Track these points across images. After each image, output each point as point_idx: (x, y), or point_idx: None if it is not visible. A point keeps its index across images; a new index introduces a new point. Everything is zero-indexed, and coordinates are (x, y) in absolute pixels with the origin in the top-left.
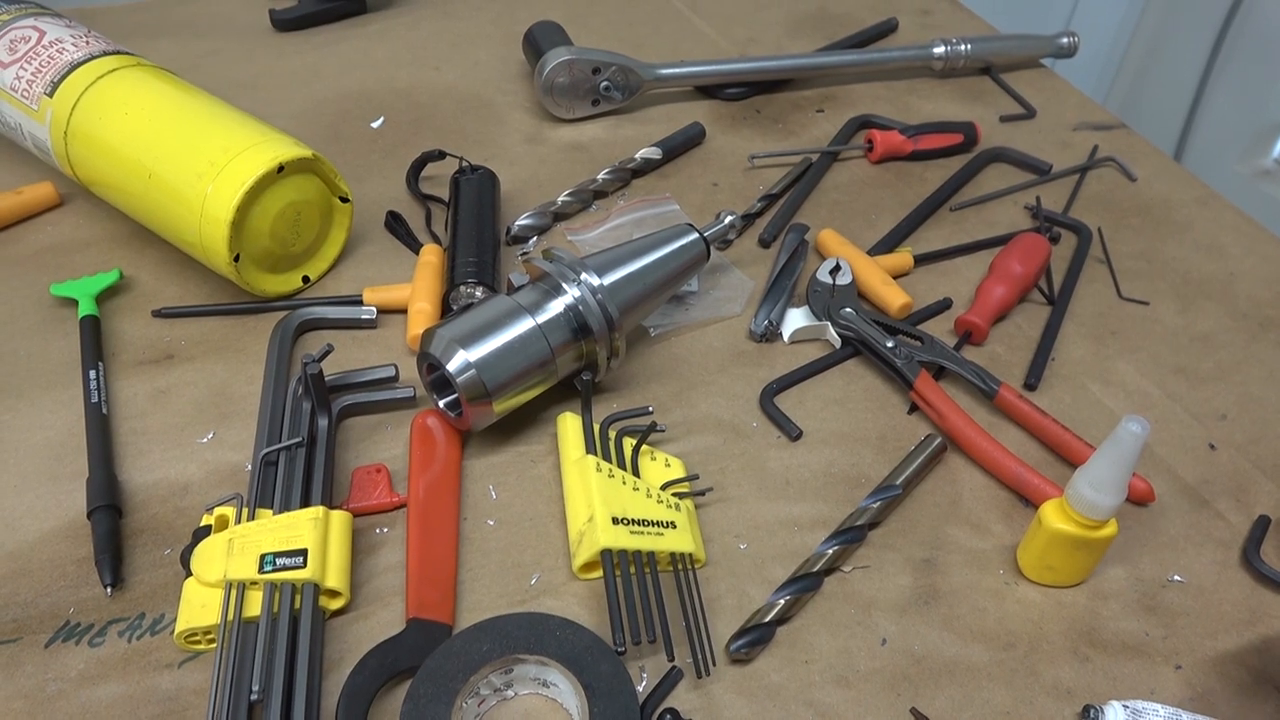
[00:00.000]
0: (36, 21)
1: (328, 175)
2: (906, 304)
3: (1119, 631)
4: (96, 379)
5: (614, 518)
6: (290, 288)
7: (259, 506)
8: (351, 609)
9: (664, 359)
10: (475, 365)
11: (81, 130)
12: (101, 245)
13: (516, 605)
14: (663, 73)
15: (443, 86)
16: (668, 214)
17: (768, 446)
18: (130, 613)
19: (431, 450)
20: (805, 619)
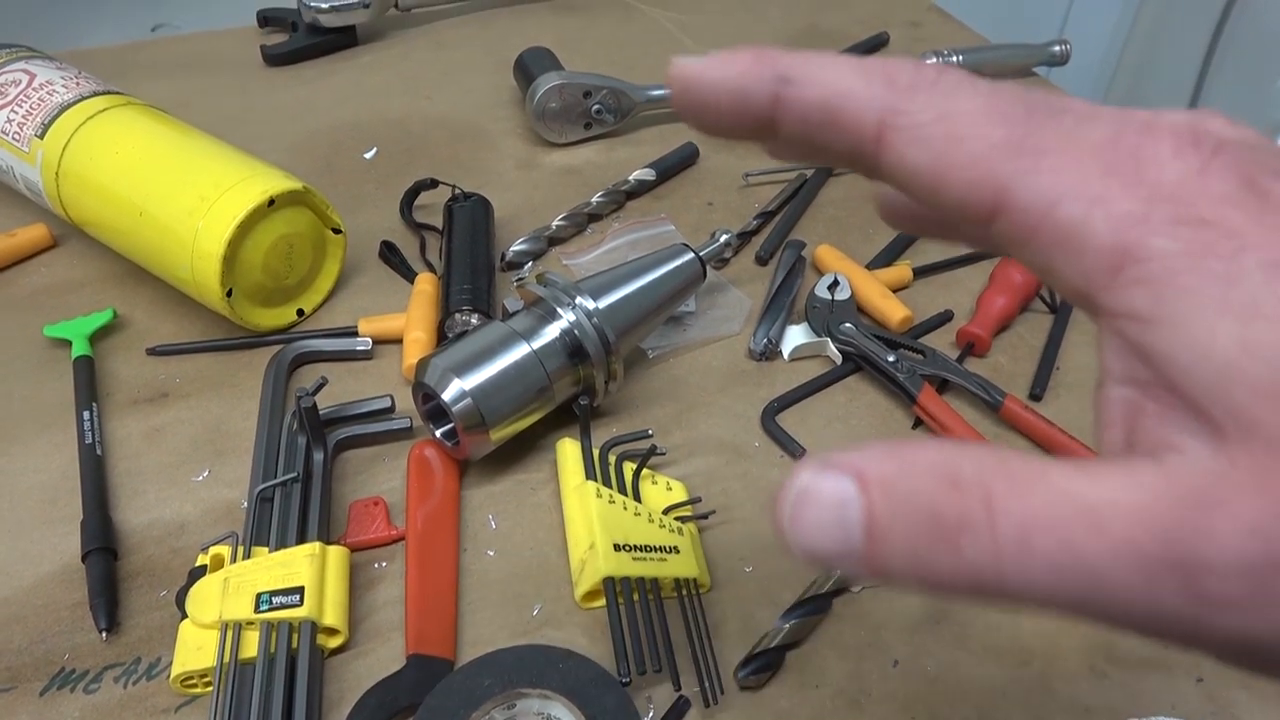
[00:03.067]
0: (27, 65)
1: (319, 207)
2: (907, 317)
3: (1136, 645)
4: (91, 420)
5: (616, 544)
6: (284, 321)
7: (255, 544)
8: (350, 646)
9: (663, 381)
10: (471, 394)
11: (73, 171)
12: (95, 285)
13: (519, 637)
14: (654, 94)
15: (435, 115)
16: (663, 235)
17: (771, 466)
18: (126, 657)
19: (429, 481)
20: (814, 643)
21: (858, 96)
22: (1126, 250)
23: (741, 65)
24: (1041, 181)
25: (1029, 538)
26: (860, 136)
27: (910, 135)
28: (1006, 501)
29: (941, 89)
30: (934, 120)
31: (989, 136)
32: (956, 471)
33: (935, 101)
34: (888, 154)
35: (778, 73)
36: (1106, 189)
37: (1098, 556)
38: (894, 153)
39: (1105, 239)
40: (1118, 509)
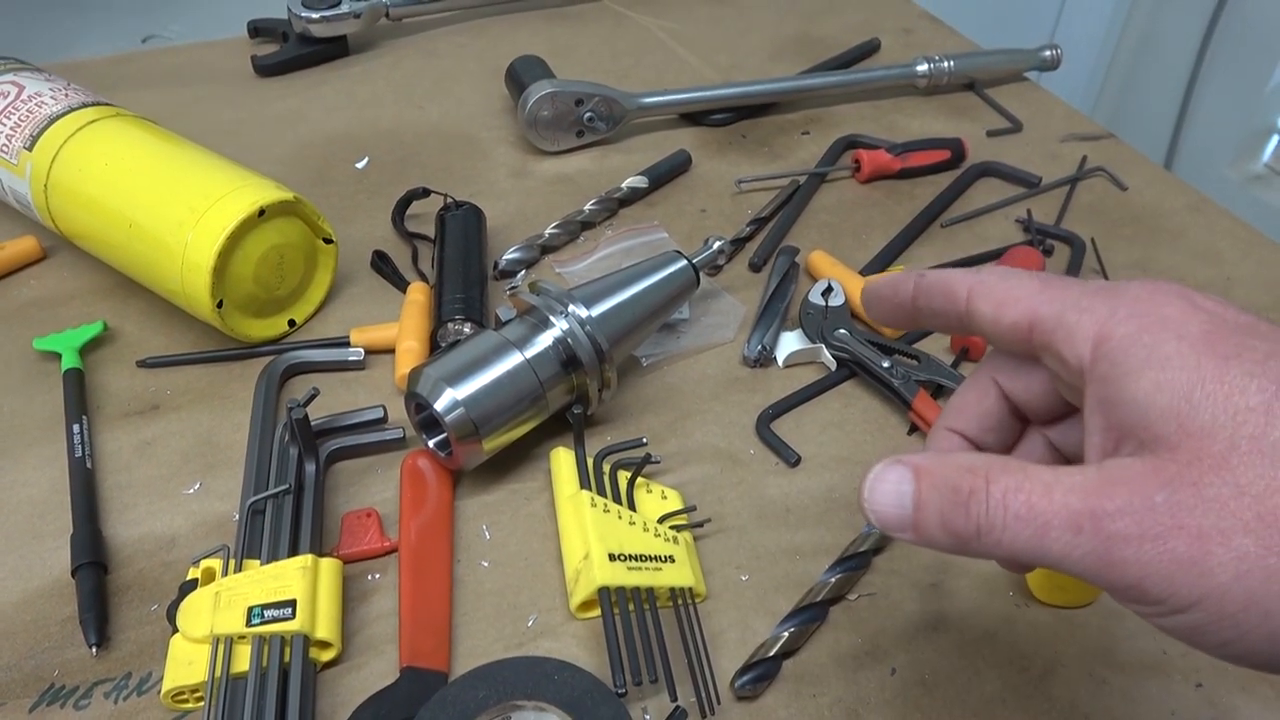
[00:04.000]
0: (15, 77)
1: (310, 217)
2: None
3: (1135, 651)
4: (81, 433)
5: (611, 554)
6: (276, 332)
7: (246, 557)
8: (343, 660)
9: (657, 389)
10: (463, 403)
11: (62, 183)
12: (85, 297)
13: (513, 649)
14: (646, 102)
15: (426, 125)
16: (656, 242)
17: (766, 474)
18: (116, 673)
19: (422, 492)
20: (812, 651)
21: (959, 277)
22: (1103, 334)
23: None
24: (1055, 304)
25: (1007, 499)
26: (958, 299)
27: (984, 293)
28: (999, 478)
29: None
30: (999, 280)
31: (1029, 288)
32: (972, 463)
33: (1004, 276)
34: (972, 304)
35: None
36: (1092, 304)
37: (1045, 510)
38: (975, 304)
39: (1092, 329)
40: (1061, 485)
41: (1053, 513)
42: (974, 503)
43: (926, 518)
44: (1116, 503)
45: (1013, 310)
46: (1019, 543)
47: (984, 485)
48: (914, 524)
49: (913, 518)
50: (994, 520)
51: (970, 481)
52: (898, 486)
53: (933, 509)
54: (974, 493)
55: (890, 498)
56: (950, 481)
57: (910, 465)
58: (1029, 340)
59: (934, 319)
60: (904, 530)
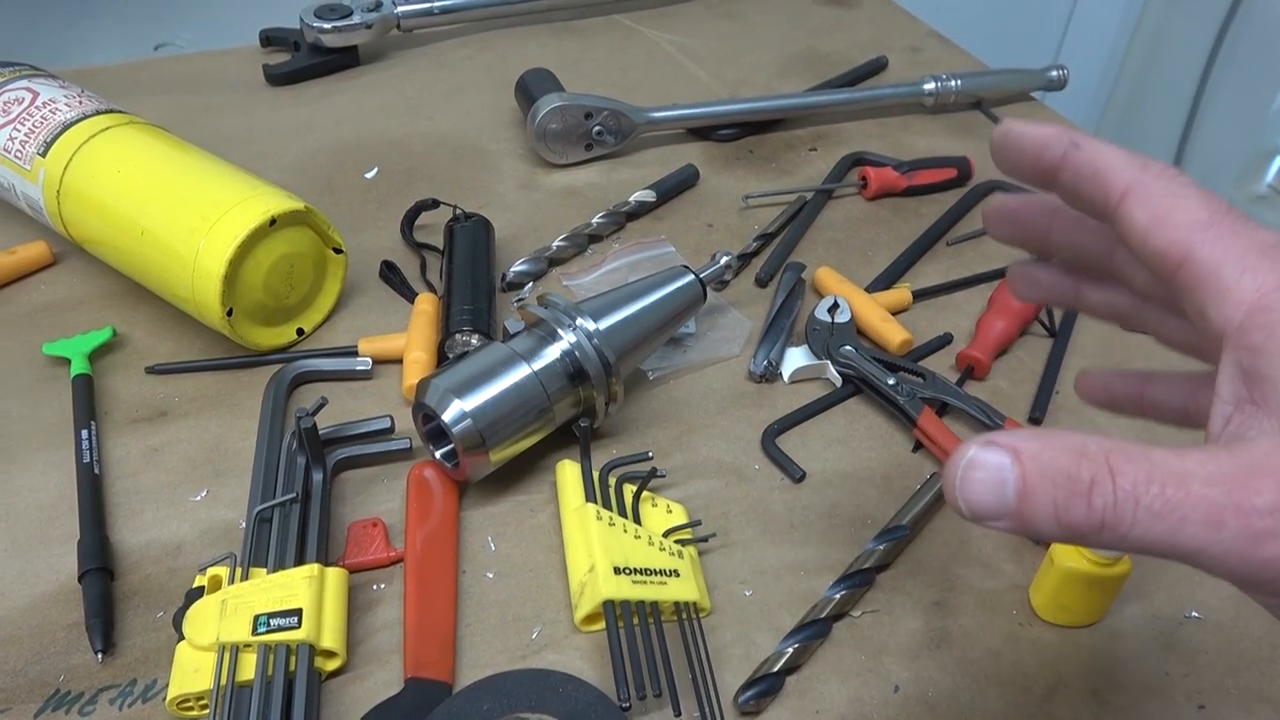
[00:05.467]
0: (30, 83)
1: (320, 227)
2: (906, 340)
3: (1138, 672)
4: (89, 439)
5: (616, 567)
6: (284, 340)
7: (253, 565)
8: (348, 669)
9: (663, 402)
10: (471, 415)
11: (74, 189)
12: (95, 303)
13: (518, 661)
14: (655, 116)
15: (436, 136)
16: (663, 256)
17: (771, 489)
18: (122, 679)
19: (429, 502)
20: (815, 667)
21: (1120, 167)
22: (1259, 304)
23: (1051, 130)
24: (1217, 250)
25: (1138, 491)
26: (1111, 192)
27: (1144, 199)
28: (1123, 466)
29: (1178, 181)
30: (1164, 195)
31: (1195, 214)
32: (1084, 446)
33: (1170, 185)
34: (1124, 208)
35: (1073, 139)
36: (1258, 264)
37: (1183, 504)
38: (1129, 208)
39: (1247, 294)
40: (1198, 474)
41: (1191, 507)
42: (1098, 495)
43: (1034, 508)
44: (1266, 498)
45: (1167, 236)
46: (1149, 538)
47: (1108, 476)
48: (1017, 514)
49: (1016, 507)
50: (1123, 515)
51: (1091, 470)
52: (997, 474)
53: (1043, 499)
54: (1097, 484)
55: (987, 486)
56: (1064, 469)
57: (1009, 449)
58: (1173, 275)
59: (1070, 198)
60: (1001, 520)
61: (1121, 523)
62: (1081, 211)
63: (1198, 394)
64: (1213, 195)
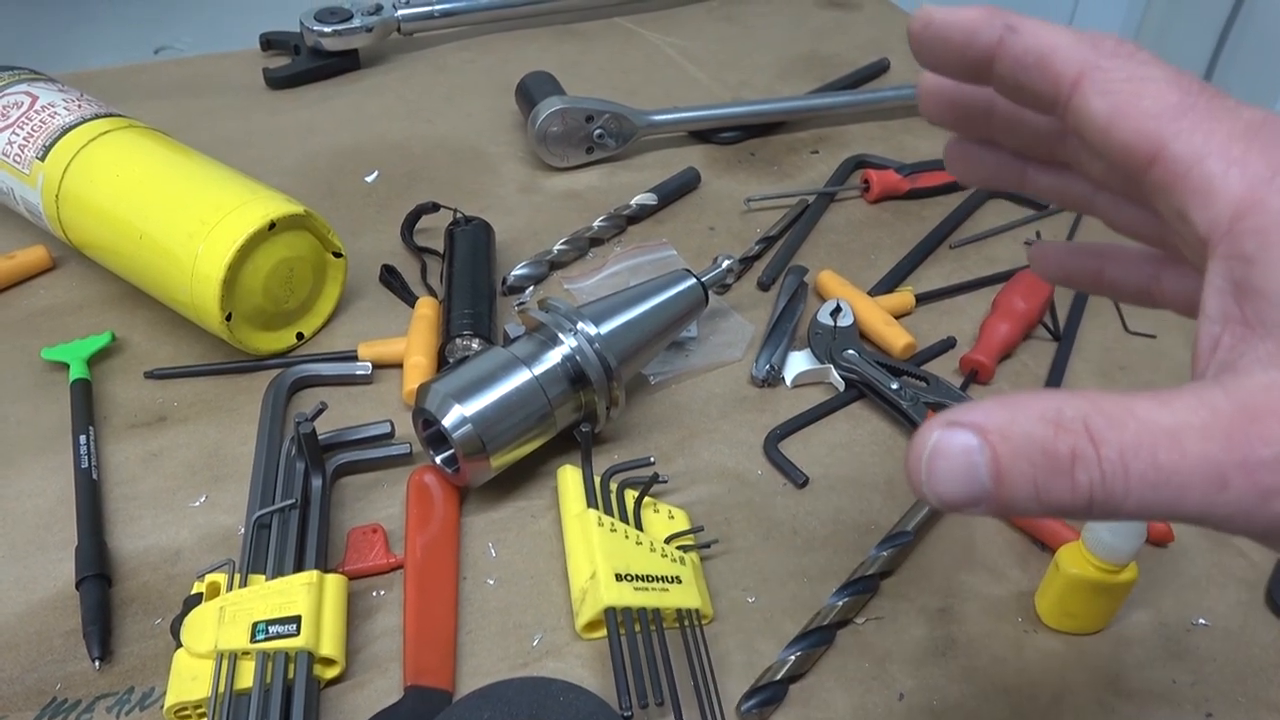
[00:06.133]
0: (29, 87)
1: (320, 231)
2: (910, 344)
3: (1145, 679)
4: (87, 444)
5: (617, 574)
6: (284, 345)
7: (252, 572)
8: (347, 677)
9: (665, 407)
10: (471, 420)
11: (73, 193)
12: (94, 307)
13: (518, 668)
14: (656, 119)
15: (436, 139)
16: (664, 260)
17: (773, 495)
18: (119, 687)
19: (429, 508)
20: (818, 675)
21: (1067, 50)
22: (1252, 202)
23: (976, 12)
24: (1195, 140)
25: (1127, 461)
26: (1060, 81)
27: (1101, 86)
28: (1105, 434)
29: (1138, 59)
30: (1125, 79)
31: (1165, 98)
32: (1059, 414)
33: (1130, 67)
34: (1078, 99)
35: (1006, 22)
36: (1246, 154)
37: (1180, 469)
38: (1083, 98)
39: (1235, 192)
40: (1191, 429)
41: (1189, 471)
42: (1082, 470)
43: (1012, 492)
44: (1273, 449)
45: (1133, 126)
46: (1146, 509)
47: (1090, 447)
48: (994, 499)
49: (992, 493)
50: (1113, 490)
51: (1070, 442)
52: (965, 459)
53: (1021, 480)
54: (1079, 457)
55: (957, 474)
56: (1040, 444)
57: (974, 427)
58: (1144, 173)
59: (1010, 92)
60: (977, 506)
61: (1112, 498)
62: (1026, 107)
63: (1160, 275)
64: (1182, 74)
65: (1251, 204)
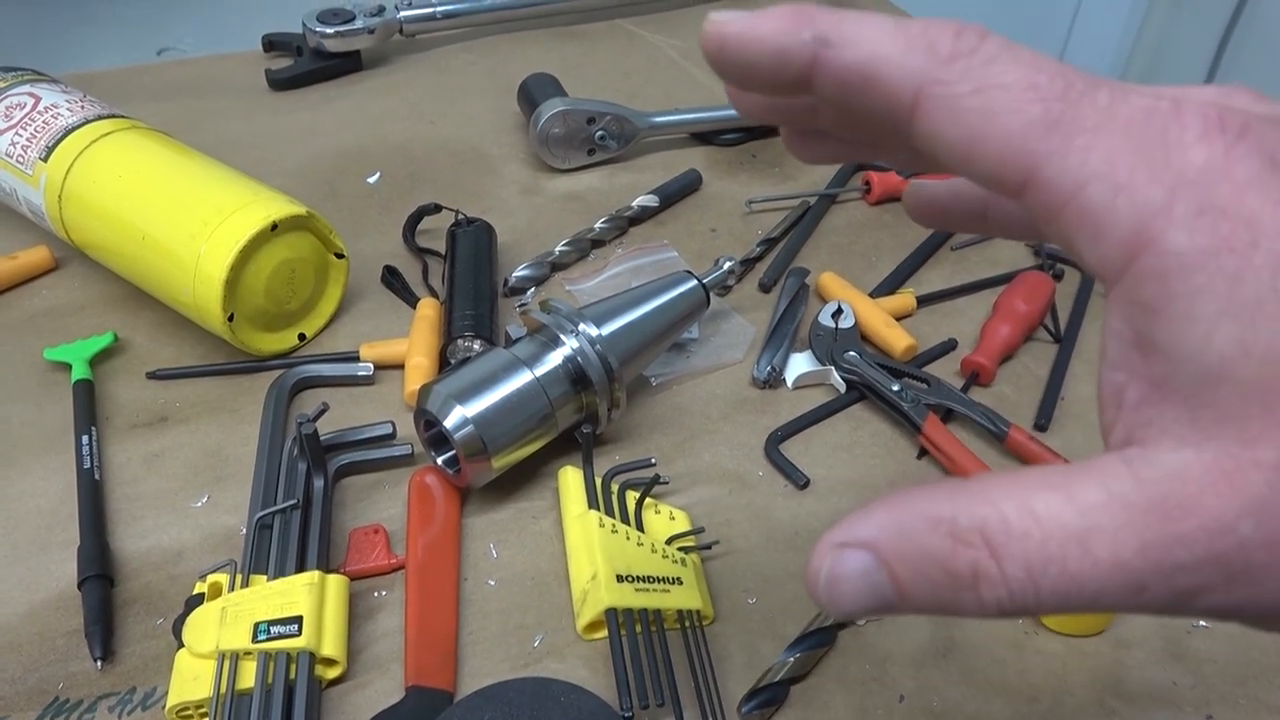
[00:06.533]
0: (32, 88)
1: (322, 232)
2: (911, 346)
3: (1145, 681)
4: (89, 444)
5: (618, 575)
6: (286, 346)
7: (253, 572)
8: (349, 677)
9: (666, 408)
10: (473, 421)
11: (76, 194)
12: (96, 308)
13: (519, 669)
14: (657, 121)
15: (438, 140)
16: (666, 261)
17: (775, 496)
18: (121, 687)
19: (430, 509)
20: (819, 676)
21: (896, 63)
22: (1144, 241)
23: (778, 23)
24: (1071, 162)
25: (1034, 575)
26: (896, 103)
27: (946, 106)
28: (1007, 546)
29: (981, 57)
30: (971, 92)
31: (1025, 112)
32: (954, 525)
33: (974, 72)
34: (922, 123)
35: (817, 33)
36: (1132, 175)
37: (1092, 578)
38: (929, 123)
39: (1125, 227)
40: (1102, 532)
41: (1102, 579)
42: (987, 589)
43: (919, 605)
44: (1192, 552)
45: (994, 151)
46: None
47: (992, 563)
48: (902, 608)
49: (899, 605)
50: (1023, 602)
51: (969, 558)
52: (865, 579)
53: (925, 596)
54: (982, 576)
55: (861, 595)
56: (938, 562)
57: (869, 548)
58: (1018, 199)
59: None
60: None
61: (1024, 609)
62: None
63: None
64: (1040, 65)
65: (1145, 241)
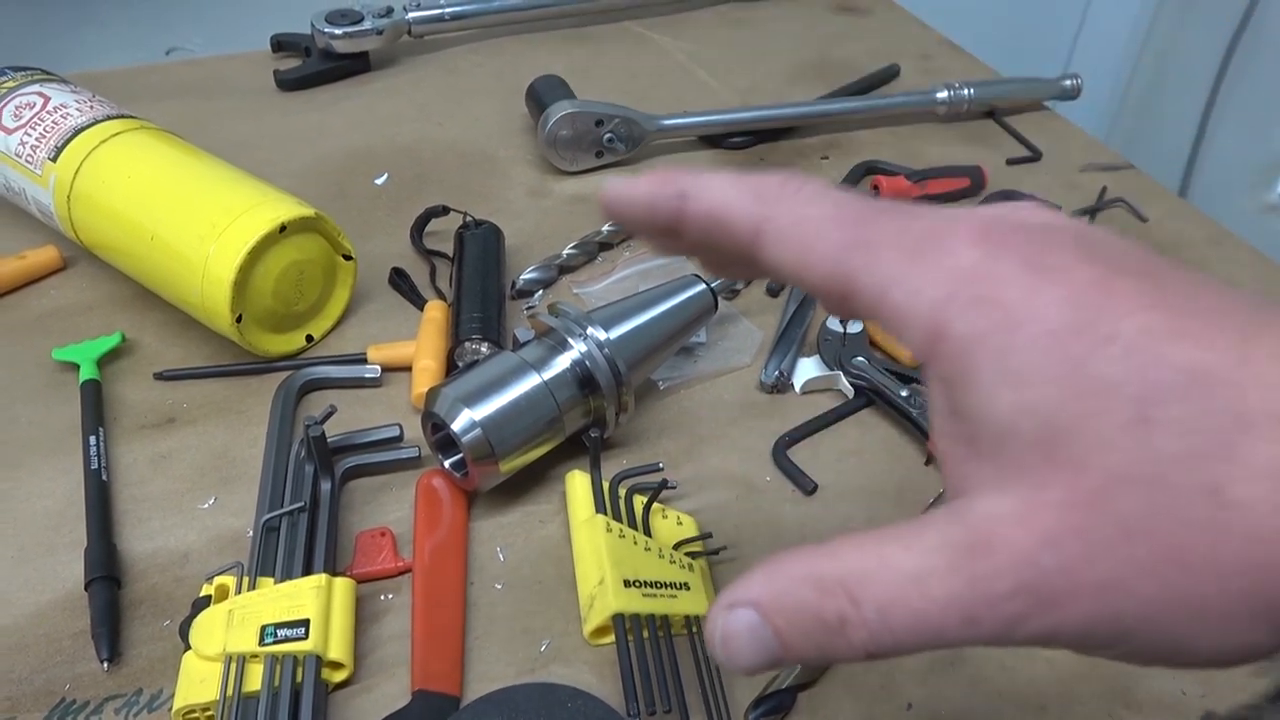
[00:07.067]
0: (42, 88)
1: (330, 233)
2: None
3: (1153, 690)
4: (97, 445)
5: (626, 580)
6: (293, 347)
7: (260, 575)
8: (355, 681)
9: (673, 413)
10: (481, 424)
11: (84, 194)
12: (104, 308)
13: (526, 674)
14: (666, 123)
15: (446, 142)
16: (674, 265)
17: (782, 501)
18: (127, 689)
19: (437, 512)
20: (827, 684)
21: (735, 207)
22: (938, 329)
23: (650, 185)
24: (877, 272)
25: (887, 615)
26: (741, 237)
27: (776, 237)
28: (862, 592)
29: (801, 199)
30: (792, 224)
31: (833, 238)
32: (820, 578)
33: (794, 209)
34: (762, 252)
35: (678, 189)
36: (923, 277)
37: (932, 613)
38: (766, 251)
39: (923, 319)
40: (936, 572)
41: (941, 613)
42: (852, 631)
43: (801, 654)
44: (1006, 582)
45: (818, 270)
46: (916, 648)
47: (852, 609)
48: (787, 660)
49: (783, 655)
50: (881, 641)
51: (835, 606)
52: (752, 635)
53: (804, 645)
54: (846, 622)
55: (752, 650)
56: (810, 611)
57: (752, 604)
58: (846, 303)
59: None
60: (777, 666)
61: (883, 648)
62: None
63: None
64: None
65: (938, 330)
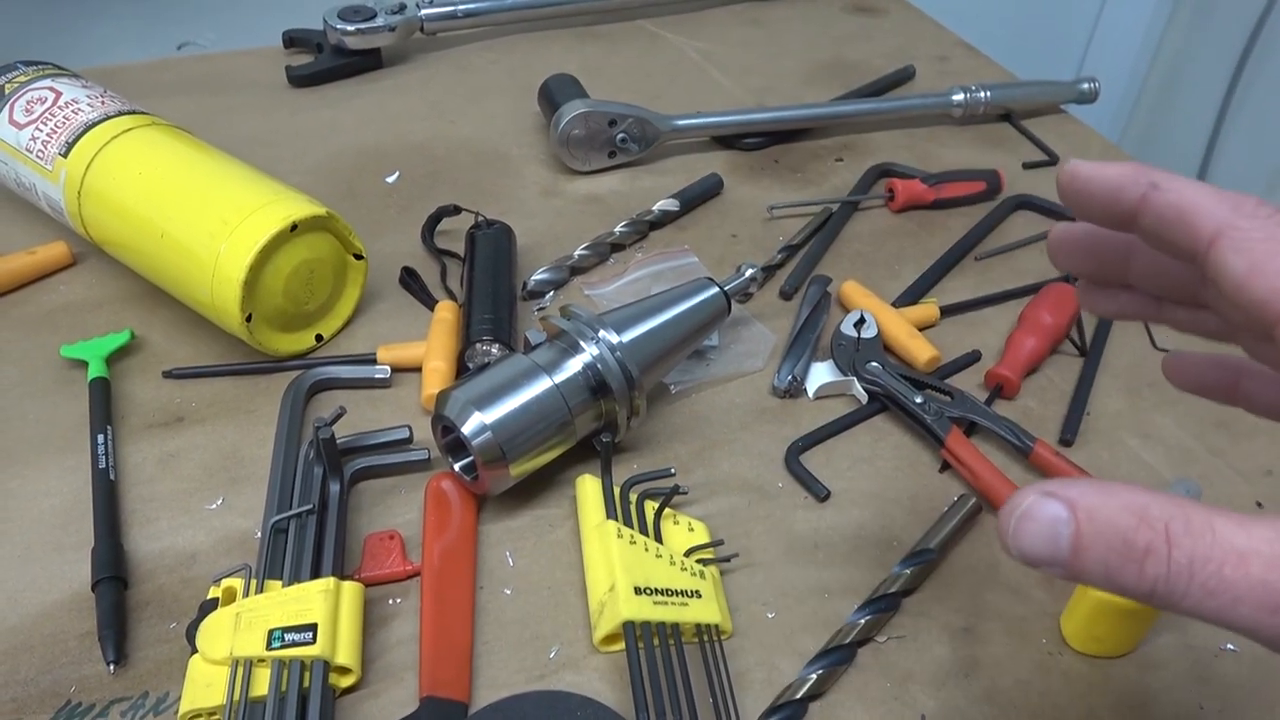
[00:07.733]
0: (53, 83)
1: (341, 232)
2: (934, 357)
3: (1172, 705)
4: (105, 443)
5: (636, 587)
6: (303, 346)
7: (268, 577)
8: (363, 686)
9: (685, 417)
10: (491, 428)
11: (95, 190)
12: (114, 305)
13: (535, 680)
14: (679, 124)
15: (458, 140)
16: (686, 267)
17: (794, 508)
18: (133, 691)
19: (446, 515)
20: (839, 694)
21: (1208, 208)
22: None
23: (1123, 170)
24: None
25: (1194, 566)
26: (1199, 236)
27: (1237, 244)
28: (1182, 539)
29: (1276, 220)
30: (1262, 239)
31: None
32: (1146, 510)
33: (1268, 227)
34: (1215, 253)
35: (1151, 180)
36: None
37: (1238, 586)
38: (1220, 254)
39: None
40: (1260, 556)
41: (1247, 589)
42: (1151, 563)
43: (1087, 565)
44: None
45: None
46: (1199, 610)
47: (1165, 547)
48: (1068, 566)
49: (1068, 560)
50: (1174, 587)
51: (1147, 537)
52: (1051, 527)
53: (1096, 557)
54: (1152, 552)
55: (1041, 538)
56: (1121, 531)
57: (1066, 501)
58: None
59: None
60: (1053, 568)
61: (1173, 594)
62: (1163, 253)
63: None
64: None
65: None
